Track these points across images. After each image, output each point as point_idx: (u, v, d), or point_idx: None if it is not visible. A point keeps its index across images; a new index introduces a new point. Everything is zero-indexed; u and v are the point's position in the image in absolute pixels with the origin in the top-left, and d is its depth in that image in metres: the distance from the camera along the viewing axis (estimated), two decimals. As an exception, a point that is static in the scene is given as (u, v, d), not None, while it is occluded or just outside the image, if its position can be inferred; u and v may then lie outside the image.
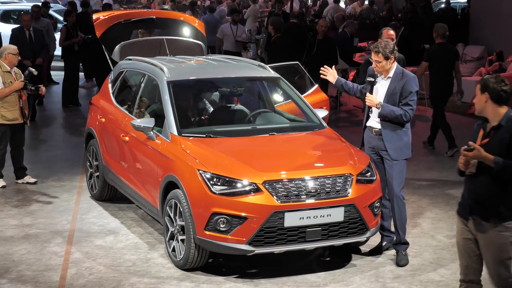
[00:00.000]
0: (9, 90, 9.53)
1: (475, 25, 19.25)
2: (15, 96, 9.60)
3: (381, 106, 7.19)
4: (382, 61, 7.20)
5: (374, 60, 7.24)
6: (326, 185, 6.95)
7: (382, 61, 7.20)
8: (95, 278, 6.99)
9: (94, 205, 9.18)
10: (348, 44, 16.07)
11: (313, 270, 7.20)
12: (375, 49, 7.23)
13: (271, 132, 7.81)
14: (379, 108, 7.20)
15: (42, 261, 7.40)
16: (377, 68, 7.25)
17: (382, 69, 7.25)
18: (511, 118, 5.39)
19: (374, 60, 7.24)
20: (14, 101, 9.61)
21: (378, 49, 7.21)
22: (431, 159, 11.41)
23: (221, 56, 10.33)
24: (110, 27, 10.17)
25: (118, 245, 7.82)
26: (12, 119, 9.65)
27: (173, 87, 8.06)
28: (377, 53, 7.21)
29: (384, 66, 7.23)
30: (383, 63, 7.21)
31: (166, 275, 7.08)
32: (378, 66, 7.23)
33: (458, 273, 6.84)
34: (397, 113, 7.19)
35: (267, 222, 6.74)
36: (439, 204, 9.34)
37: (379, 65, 7.22)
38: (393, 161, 7.30)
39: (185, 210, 6.97)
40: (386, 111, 7.20)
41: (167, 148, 7.55)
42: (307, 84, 10.48)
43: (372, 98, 7.24)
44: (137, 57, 9.18)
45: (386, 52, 7.18)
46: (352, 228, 7.06)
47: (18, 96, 9.62)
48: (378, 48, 7.21)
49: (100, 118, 9.21)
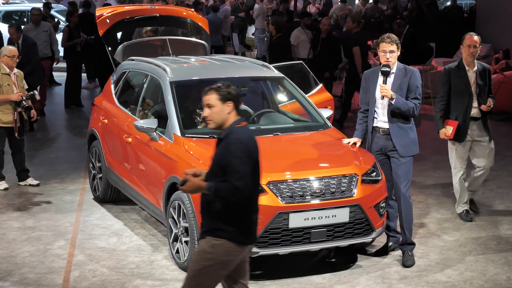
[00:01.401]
0: (3, 97, 9.51)
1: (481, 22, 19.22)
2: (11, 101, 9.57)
3: (396, 97, 7.19)
4: (396, 51, 7.24)
5: (389, 51, 7.22)
6: (331, 186, 6.95)
7: (396, 51, 7.24)
8: (98, 281, 7.00)
9: (97, 207, 9.18)
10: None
11: (319, 271, 7.19)
12: (388, 39, 7.23)
13: (275, 132, 7.81)
14: (393, 99, 7.19)
15: (45, 264, 7.41)
16: (391, 59, 7.24)
17: (394, 59, 7.26)
18: (233, 130, 5.14)
19: (388, 51, 7.22)
20: (10, 105, 9.57)
21: (392, 38, 7.24)
22: (438, 158, 11.39)
23: (224, 55, 10.33)
24: (113, 25, 10.14)
25: (122, 247, 7.83)
26: (7, 122, 9.64)
27: (176, 87, 8.06)
28: (391, 42, 7.22)
29: (395, 57, 7.26)
30: (395, 54, 7.25)
31: (170, 277, 7.08)
32: (392, 56, 7.24)
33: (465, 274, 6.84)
34: (410, 106, 7.22)
35: (272, 223, 6.73)
36: (445, 204, 9.33)
37: (393, 55, 7.24)
38: (401, 158, 7.28)
39: (189, 211, 6.98)
40: (400, 103, 7.20)
41: (170, 149, 7.55)
42: (311, 83, 10.48)
43: (388, 88, 7.24)
44: (140, 58, 9.19)
45: (398, 42, 7.27)
46: (357, 228, 7.06)
47: (15, 104, 9.59)
48: (392, 38, 7.25)
49: (102, 119, 9.22)
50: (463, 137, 8.48)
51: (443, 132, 8.49)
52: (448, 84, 8.46)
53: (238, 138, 5.05)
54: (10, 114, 9.60)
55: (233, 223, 5.12)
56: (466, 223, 8.60)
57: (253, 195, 5.19)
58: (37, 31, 14.86)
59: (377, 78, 7.33)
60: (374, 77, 7.38)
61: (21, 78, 9.81)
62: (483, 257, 7.60)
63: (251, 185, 5.07)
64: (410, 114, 7.26)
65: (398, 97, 7.20)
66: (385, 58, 7.25)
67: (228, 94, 5.14)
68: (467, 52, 8.37)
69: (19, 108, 9.56)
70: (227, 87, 5.18)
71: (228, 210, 5.09)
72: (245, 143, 5.05)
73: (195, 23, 10.67)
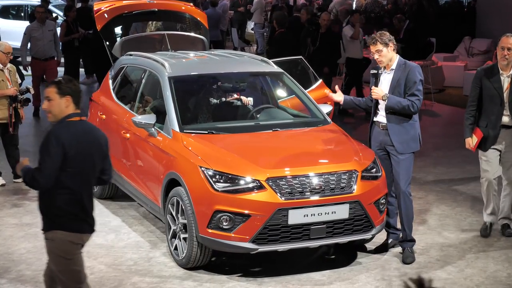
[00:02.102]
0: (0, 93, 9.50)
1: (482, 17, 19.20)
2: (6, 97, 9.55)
3: (387, 97, 7.17)
4: (382, 49, 7.19)
5: (375, 51, 7.21)
6: (331, 182, 6.94)
7: (382, 49, 7.19)
8: (96, 278, 6.98)
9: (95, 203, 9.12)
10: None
11: (318, 268, 7.18)
12: (371, 41, 7.24)
13: (275, 128, 7.79)
14: (385, 100, 7.18)
15: (42, 261, 7.38)
16: (380, 58, 7.22)
17: (384, 58, 7.21)
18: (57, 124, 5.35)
19: (374, 52, 7.22)
20: (4, 101, 9.56)
21: (375, 39, 7.23)
22: (438, 154, 11.39)
23: (223, 51, 10.31)
24: (111, 20, 10.10)
25: (119, 244, 7.82)
26: (2, 118, 9.61)
27: (175, 82, 8.05)
28: (374, 43, 7.21)
29: (386, 55, 7.20)
30: (384, 52, 7.19)
31: (168, 274, 7.07)
32: (380, 55, 7.21)
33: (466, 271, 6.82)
34: (404, 104, 7.17)
35: (271, 220, 6.72)
36: (446, 200, 9.32)
37: (381, 54, 7.20)
38: (400, 155, 7.27)
39: (187, 208, 6.96)
40: (392, 103, 7.18)
41: (169, 145, 7.54)
42: (311, 79, 10.46)
43: (378, 90, 7.23)
44: (138, 53, 9.17)
45: (384, 39, 7.19)
46: (357, 225, 7.05)
47: (10, 99, 9.57)
48: (374, 38, 7.23)
49: (100, 114, 9.20)
50: (490, 145, 7.83)
51: (469, 142, 7.88)
52: (478, 88, 7.85)
53: (53, 132, 5.24)
54: (5, 109, 9.57)
55: (63, 214, 5.47)
56: (467, 219, 8.59)
57: (83, 189, 5.57)
58: (42, 30, 14.14)
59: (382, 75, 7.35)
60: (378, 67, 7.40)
61: (14, 73, 9.78)
62: (483, 254, 7.59)
63: (51, 179, 5.24)
64: (407, 112, 7.22)
65: (391, 97, 7.17)
66: (375, 59, 7.27)
67: (67, 88, 5.32)
68: (500, 55, 7.80)
69: (15, 103, 9.54)
70: (68, 82, 5.36)
71: (56, 202, 5.39)
72: (59, 138, 5.20)
73: (194, 18, 10.63)
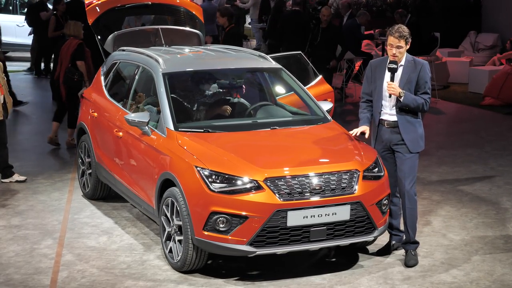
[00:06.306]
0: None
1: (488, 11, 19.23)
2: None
3: (404, 94, 7.16)
4: (404, 46, 7.16)
5: (396, 46, 7.15)
6: (331, 182, 6.94)
7: (404, 46, 7.16)
8: (87, 282, 6.98)
9: (87, 204, 9.17)
10: (359, 32, 16.08)
11: (318, 272, 7.18)
12: (397, 34, 7.11)
13: (273, 126, 7.79)
14: (401, 97, 7.16)
15: (31, 264, 7.40)
16: (398, 54, 7.16)
17: (401, 55, 7.19)
18: None
19: (395, 46, 7.14)
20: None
21: (401, 33, 7.11)
22: (443, 154, 11.40)
23: (219, 46, 10.31)
24: (103, 14, 10.09)
25: (112, 247, 7.82)
26: None
27: (169, 79, 8.04)
28: (400, 38, 7.12)
29: (403, 52, 7.19)
30: (403, 49, 7.17)
31: (163, 277, 7.07)
32: (399, 51, 7.16)
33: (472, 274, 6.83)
34: (419, 102, 7.18)
35: (269, 222, 6.72)
36: (450, 201, 9.33)
37: (400, 50, 7.16)
38: (407, 154, 7.26)
39: (183, 209, 6.96)
40: (409, 100, 7.17)
41: (163, 143, 7.53)
42: (311, 75, 10.46)
43: (395, 86, 7.19)
44: (131, 48, 9.16)
45: (407, 36, 7.15)
46: (359, 227, 7.05)
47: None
48: (401, 32, 7.11)
49: (92, 112, 9.20)
50: None
51: None
52: None
53: None
54: None
55: None
56: (473, 221, 8.60)
57: None
58: None
59: (384, 70, 7.28)
60: (381, 68, 7.32)
61: (1, 70, 9.78)
62: (490, 257, 7.59)
63: None
64: (420, 110, 7.24)
65: (407, 93, 7.16)
66: (391, 53, 7.20)
67: None
68: None
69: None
70: None
71: None
72: None
73: (189, 12, 10.62)
